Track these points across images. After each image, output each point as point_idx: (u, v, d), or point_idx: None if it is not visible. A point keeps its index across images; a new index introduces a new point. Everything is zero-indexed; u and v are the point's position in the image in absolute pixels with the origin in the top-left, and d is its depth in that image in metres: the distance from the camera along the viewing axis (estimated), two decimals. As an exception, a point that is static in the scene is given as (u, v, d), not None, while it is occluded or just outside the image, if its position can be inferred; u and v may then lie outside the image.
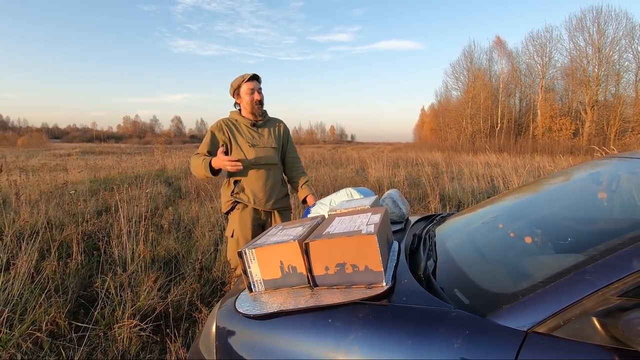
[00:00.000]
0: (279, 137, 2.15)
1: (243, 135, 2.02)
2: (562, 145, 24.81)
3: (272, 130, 2.13)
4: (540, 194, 1.50)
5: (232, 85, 2.04)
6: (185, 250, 3.05)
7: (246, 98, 2.00)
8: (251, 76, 2.00)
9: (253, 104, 2.01)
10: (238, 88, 2.02)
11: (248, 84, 2.00)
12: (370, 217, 1.14)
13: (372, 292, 0.92)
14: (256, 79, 2.03)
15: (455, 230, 1.38)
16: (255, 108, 2.03)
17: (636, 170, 1.18)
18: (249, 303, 1.04)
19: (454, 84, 37.85)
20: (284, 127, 2.21)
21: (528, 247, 1.04)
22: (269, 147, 2.07)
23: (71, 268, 2.48)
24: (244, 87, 2.00)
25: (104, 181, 6.97)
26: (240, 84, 2.00)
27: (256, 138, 2.04)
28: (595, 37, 27.80)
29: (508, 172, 6.19)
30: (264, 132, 2.09)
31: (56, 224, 3.39)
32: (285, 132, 2.20)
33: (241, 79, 2.00)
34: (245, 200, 1.99)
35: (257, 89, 2.02)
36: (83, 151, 21.48)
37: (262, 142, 2.05)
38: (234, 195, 1.99)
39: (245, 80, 1.99)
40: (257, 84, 2.03)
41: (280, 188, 2.10)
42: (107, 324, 1.97)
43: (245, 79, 1.99)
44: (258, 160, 2.00)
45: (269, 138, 2.09)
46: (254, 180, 1.99)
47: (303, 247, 1.02)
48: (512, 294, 0.80)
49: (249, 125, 2.05)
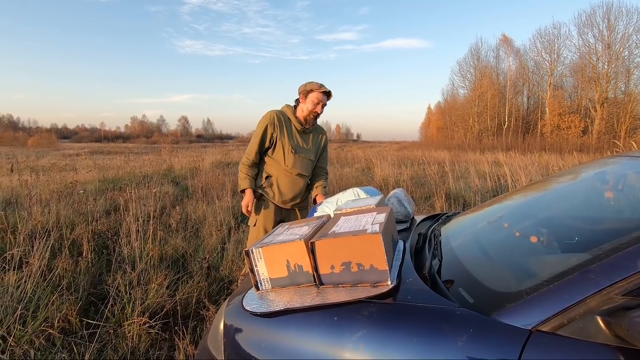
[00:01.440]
0: (318, 149, 2.20)
1: (290, 136, 2.06)
2: (571, 143, 24.50)
3: (315, 140, 2.18)
4: (547, 193, 1.50)
5: (305, 86, 2.05)
6: (193, 249, 3.09)
7: (309, 105, 2.04)
8: (327, 90, 2.04)
9: (312, 113, 2.05)
10: (310, 92, 2.04)
11: (320, 95, 2.03)
12: (376, 217, 1.15)
13: (377, 290, 0.93)
14: (328, 95, 2.07)
15: (461, 229, 1.38)
16: (311, 118, 2.07)
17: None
18: (255, 301, 1.06)
19: (460, 81, 37.60)
20: (326, 139, 2.27)
21: (533, 247, 1.04)
22: (307, 159, 2.13)
23: (82, 266, 2.53)
24: (315, 95, 2.02)
25: (112, 181, 7.05)
26: (314, 90, 2.02)
27: (300, 145, 2.09)
28: (605, 34, 27.38)
29: (515, 170, 6.14)
30: (309, 139, 2.14)
31: (66, 223, 3.45)
32: (325, 144, 2.26)
33: (317, 86, 2.03)
34: (270, 196, 2.07)
35: (323, 104, 2.06)
36: (92, 151, 21.75)
37: (304, 153, 2.10)
38: (262, 187, 2.06)
39: (320, 91, 2.02)
40: (326, 99, 2.08)
41: (303, 193, 2.18)
42: (117, 321, 2.01)
43: (321, 89, 2.02)
44: (294, 169, 2.06)
45: (311, 149, 2.14)
46: (284, 183, 2.07)
47: (309, 246, 1.03)
48: (517, 293, 0.81)
49: (299, 129, 2.09)
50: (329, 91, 2.05)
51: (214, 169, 8.55)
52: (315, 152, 2.18)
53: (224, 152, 15.51)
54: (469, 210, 1.67)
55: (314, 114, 2.06)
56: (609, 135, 26.23)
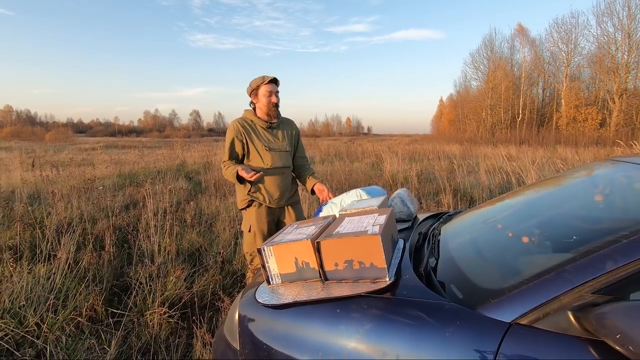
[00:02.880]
0: (291, 139, 2.26)
1: (260, 137, 2.12)
2: (588, 136, 23.93)
3: (286, 132, 2.23)
4: (544, 194, 1.57)
5: (250, 85, 2.11)
6: (207, 244, 3.24)
7: (263, 100, 2.08)
8: (271, 79, 2.08)
9: (270, 105, 2.09)
10: (257, 89, 2.09)
11: (267, 86, 2.06)
12: (377, 218, 1.25)
13: (376, 286, 1.03)
14: (275, 82, 2.11)
15: (459, 229, 1.47)
16: (272, 110, 2.11)
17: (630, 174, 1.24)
18: (267, 294, 1.18)
19: (473, 73, 36.96)
20: (296, 129, 2.32)
21: (522, 247, 1.13)
22: (283, 151, 2.18)
23: (105, 259, 2.70)
24: (263, 88, 2.07)
25: (128, 176, 7.29)
26: (260, 85, 2.07)
27: (272, 141, 2.15)
28: (625, 22, 26.49)
29: (524, 166, 6.12)
30: (279, 134, 2.19)
31: (88, 218, 3.64)
32: (296, 133, 2.31)
33: (261, 80, 2.07)
34: (260, 200, 2.12)
35: (275, 92, 2.10)
36: (107, 145, 22.26)
37: (278, 146, 2.16)
38: (250, 194, 2.11)
39: (265, 83, 2.06)
40: (275, 87, 2.12)
41: (291, 187, 2.24)
42: (139, 311, 2.16)
43: (265, 81, 2.06)
44: (274, 164, 2.12)
45: (284, 141, 2.19)
46: (269, 182, 2.12)
47: (315, 245, 1.14)
48: (500, 290, 0.90)
49: (265, 127, 2.15)
50: (273, 78, 2.08)
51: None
52: (289, 142, 2.22)
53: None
54: (468, 210, 1.75)
55: (274, 105, 2.10)
56: (628, 128, 25.56)
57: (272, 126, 2.17)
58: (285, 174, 2.20)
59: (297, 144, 2.31)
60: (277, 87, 2.14)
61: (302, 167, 2.32)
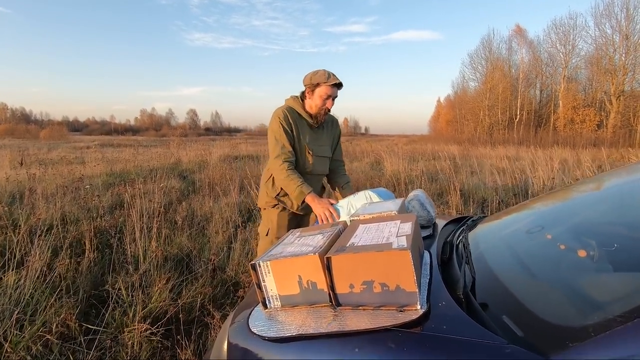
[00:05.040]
0: (333, 143, 2.02)
1: (305, 137, 1.86)
2: (585, 137, 23.87)
3: (328, 134, 1.98)
4: (587, 198, 1.34)
5: (310, 78, 1.79)
6: (198, 249, 2.99)
7: (318, 101, 1.80)
8: (337, 83, 1.79)
9: (321, 109, 1.83)
10: (316, 86, 1.78)
11: (328, 88, 1.77)
12: (400, 227, 1.01)
13: (406, 317, 0.80)
14: (339, 87, 1.83)
15: (493, 238, 1.23)
16: (321, 114, 1.84)
17: None
18: (263, 322, 0.93)
19: (471, 74, 36.88)
20: (339, 129, 2.07)
21: (586, 264, 0.89)
22: (324, 157, 1.94)
23: (83, 266, 2.44)
24: (323, 88, 1.77)
25: (119, 175, 7.01)
26: (320, 84, 1.77)
27: (314, 143, 1.89)
28: (623, 24, 26.49)
29: (532, 166, 5.91)
30: (322, 135, 1.94)
31: (71, 219, 3.38)
32: (339, 135, 2.07)
33: (325, 78, 1.76)
34: (288, 205, 1.88)
35: (333, 97, 1.83)
36: (102, 144, 21.88)
37: (320, 151, 1.91)
38: (279, 197, 1.86)
39: (328, 84, 1.77)
40: (336, 92, 1.84)
41: (321, 194, 2.00)
42: (117, 327, 1.91)
43: (329, 82, 1.76)
44: (314, 170, 1.88)
45: (326, 145, 1.95)
46: None
47: (325, 262, 0.90)
48: (581, 329, 0.66)
49: (311, 125, 1.88)
50: (339, 82, 1.79)
51: (221, 163, 8.46)
52: (331, 147, 1.99)
53: (232, 146, 15.45)
54: (497, 215, 1.52)
55: (325, 111, 1.83)
56: (625, 129, 25.54)
57: (318, 127, 1.92)
58: (320, 181, 1.98)
59: (336, 146, 2.06)
60: (338, 91, 1.86)
61: (335, 172, 2.06)
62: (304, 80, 1.84)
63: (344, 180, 2.02)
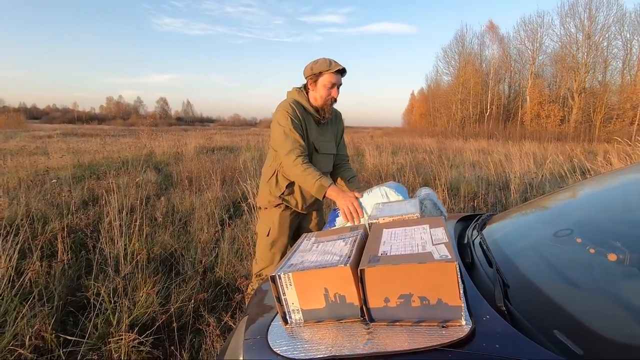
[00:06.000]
0: (337, 138, 1.93)
1: (312, 133, 1.75)
2: (550, 131, 25.08)
3: (333, 130, 1.88)
4: (602, 195, 1.33)
5: (312, 68, 1.70)
6: (183, 247, 2.82)
7: (322, 91, 1.69)
8: (340, 69, 1.68)
9: (327, 99, 1.71)
10: (319, 75, 1.68)
11: (332, 75, 1.67)
12: (432, 233, 0.94)
13: (452, 334, 0.73)
14: (342, 72, 1.72)
15: (515, 240, 1.19)
16: (327, 105, 1.74)
17: None
18: (286, 340, 0.84)
19: (445, 68, 37.66)
20: (342, 123, 1.98)
21: (627, 270, 0.86)
22: (329, 154, 1.85)
23: (56, 269, 2.23)
24: (326, 77, 1.67)
25: (88, 167, 6.59)
26: (323, 72, 1.67)
27: (320, 141, 1.79)
28: (586, 24, 27.85)
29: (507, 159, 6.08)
30: (327, 131, 1.84)
31: (38, 217, 3.10)
32: (342, 130, 1.98)
33: (327, 66, 1.67)
34: (292, 204, 1.78)
35: (338, 85, 1.72)
36: (64, 133, 20.59)
37: (325, 148, 1.81)
38: (284, 196, 1.76)
39: (331, 71, 1.66)
40: (340, 79, 1.73)
41: None
42: (100, 337, 1.75)
43: (332, 69, 1.66)
44: (319, 168, 1.76)
45: (331, 141, 1.86)
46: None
47: (357, 274, 0.82)
48: (649, 347, 0.62)
49: (317, 120, 1.78)
50: (342, 68, 1.69)
51: (198, 155, 8.15)
52: (336, 143, 1.91)
53: (206, 136, 14.97)
54: (507, 213, 1.49)
55: (331, 100, 1.73)
56: (586, 124, 27.03)
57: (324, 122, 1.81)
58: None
59: (339, 142, 1.96)
60: (342, 78, 1.75)
61: (340, 167, 1.96)
62: (305, 72, 1.74)
63: (349, 174, 1.94)
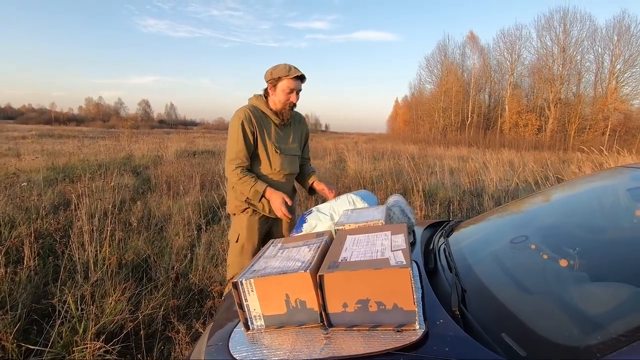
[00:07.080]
0: (301, 141, 1.95)
1: (270, 135, 1.78)
2: (527, 140, 25.94)
3: (296, 132, 1.91)
4: (564, 206, 1.39)
5: (271, 73, 1.74)
6: (157, 253, 2.77)
7: (281, 96, 1.73)
8: (299, 75, 1.72)
9: (286, 105, 1.75)
10: (277, 80, 1.72)
11: (291, 81, 1.71)
12: (392, 239, 0.96)
13: (405, 338, 0.75)
14: (302, 79, 1.76)
15: (477, 247, 1.23)
16: (286, 110, 1.77)
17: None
18: (246, 346, 0.85)
19: (427, 77, 38.47)
20: (307, 126, 2.01)
21: (579, 276, 0.91)
22: (293, 156, 1.87)
23: (22, 276, 2.16)
24: (285, 82, 1.72)
25: (63, 170, 6.39)
26: (282, 77, 1.71)
27: (282, 141, 1.82)
28: (561, 37, 29.06)
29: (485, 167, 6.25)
30: (289, 133, 1.87)
31: (5, 221, 2.99)
32: (307, 133, 2.00)
33: (285, 72, 1.71)
34: (260, 209, 1.79)
35: (297, 90, 1.76)
36: (40, 134, 19.94)
37: (288, 149, 1.83)
38: (249, 201, 1.76)
39: (290, 77, 1.71)
40: (300, 85, 1.77)
41: (292, 194, 1.92)
42: (65, 346, 1.70)
43: (290, 75, 1.70)
44: (283, 170, 1.80)
45: (294, 142, 1.88)
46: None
47: (316, 280, 0.83)
48: (585, 349, 0.65)
49: (277, 124, 1.81)
50: (301, 75, 1.73)
51: (178, 159, 8.03)
52: (299, 145, 1.93)
53: (188, 140, 14.79)
54: (474, 220, 1.54)
55: (289, 105, 1.77)
56: (561, 134, 28.11)
57: (284, 124, 1.84)
58: (291, 181, 1.91)
59: (304, 144, 2.00)
60: (302, 84, 1.79)
61: (303, 167, 2.01)
62: (265, 77, 1.78)
63: (309, 169, 2.00)
